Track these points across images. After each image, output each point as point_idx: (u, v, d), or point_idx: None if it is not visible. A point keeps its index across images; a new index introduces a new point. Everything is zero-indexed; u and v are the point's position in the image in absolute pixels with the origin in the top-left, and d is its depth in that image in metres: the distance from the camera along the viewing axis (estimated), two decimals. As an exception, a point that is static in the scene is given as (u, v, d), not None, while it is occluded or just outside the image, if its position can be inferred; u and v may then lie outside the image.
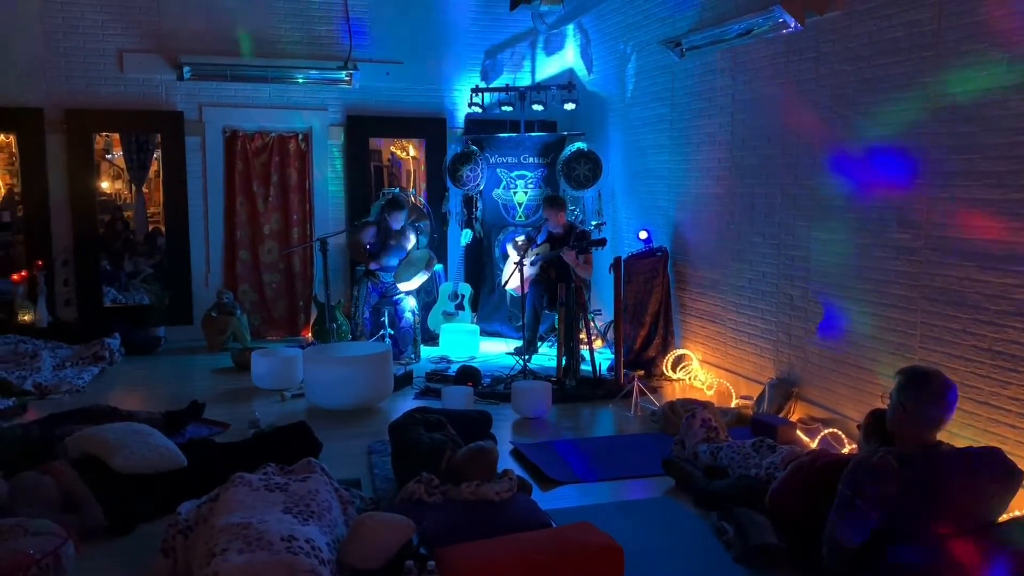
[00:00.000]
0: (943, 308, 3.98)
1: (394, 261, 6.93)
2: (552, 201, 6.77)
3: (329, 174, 7.91)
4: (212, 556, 2.71)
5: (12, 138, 7.58)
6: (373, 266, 6.88)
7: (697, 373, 6.22)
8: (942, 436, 3.13)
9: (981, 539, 2.87)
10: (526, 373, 6.14)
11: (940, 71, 3.94)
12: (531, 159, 7.79)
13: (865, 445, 3.33)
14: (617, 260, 6.13)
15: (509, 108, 7.81)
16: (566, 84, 7.79)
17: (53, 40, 7.11)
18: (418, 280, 6.99)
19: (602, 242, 6.24)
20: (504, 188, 7.86)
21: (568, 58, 8.35)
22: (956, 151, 3.87)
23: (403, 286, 6.93)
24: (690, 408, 4.82)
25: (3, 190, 8.62)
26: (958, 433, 3.82)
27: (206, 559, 2.73)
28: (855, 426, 4.04)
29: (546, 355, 6.92)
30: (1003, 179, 3.64)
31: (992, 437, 3.69)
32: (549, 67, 8.36)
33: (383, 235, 6.94)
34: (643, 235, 6.72)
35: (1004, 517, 3.09)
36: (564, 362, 6.13)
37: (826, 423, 4.72)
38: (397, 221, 6.91)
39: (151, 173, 8.58)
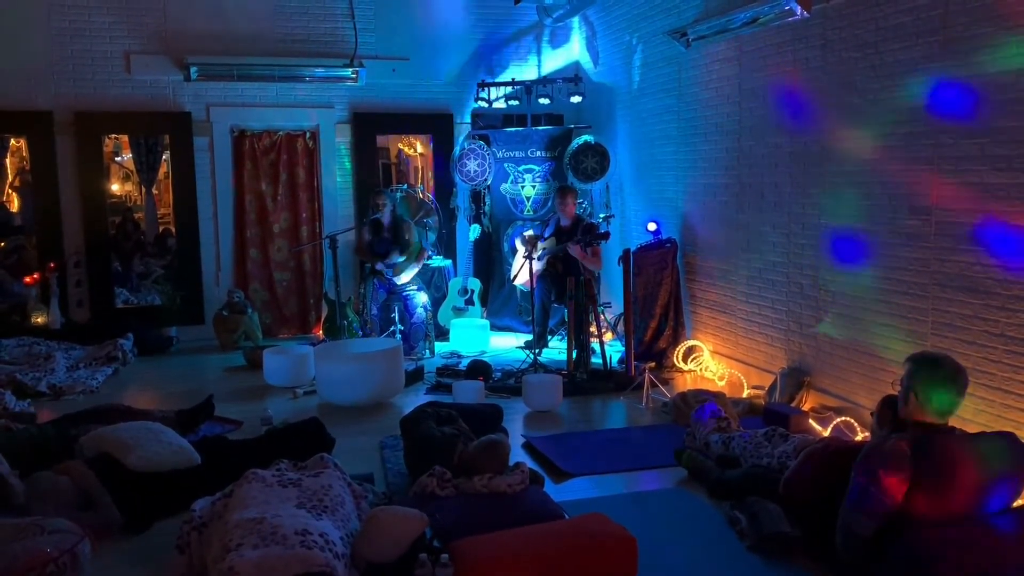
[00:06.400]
0: (955, 294, 3.96)
1: (396, 257, 6.85)
2: (562, 189, 6.77)
3: (337, 172, 7.93)
4: (227, 551, 2.72)
5: (23, 141, 7.62)
6: (377, 265, 6.88)
7: (708, 364, 6.21)
8: (956, 422, 3.11)
9: (995, 524, 2.86)
10: (536, 367, 6.15)
11: (948, 55, 3.91)
12: (538, 153, 7.78)
13: (878, 432, 3.32)
14: (626, 252, 6.12)
15: (516, 102, 7.80)
16: (572, 77, 7.77)
17: (60, 43, 7.15)
18: (409, 273, 6.93)
19: (605, 236, 6.22)
20: (512, 182, 7.85)
21: (574, 51, 8.33)
22: (966, 136, 3.85)
23: (397, 279, 6.93)
24: (701, 399, 4.82)
25: (15, 193, 8.67)
26: (971, 419, 3.80)
27: (221, 555, 2.74)
28: (867, 414, 4.03)
29: (556, 348, 6.92)
30: (1013, 163, 3.61)
31: (1006, 422, 3.67)
32: (555, 60, 8.34)
33: (375, 230, 6.93)
34: (652, 227, 6.71)
35: (1019, 502, 3.07)
36: (575, 355, 6.13)
37: (838, 411, 4.70)
38: (384, 213, 6.93)
39: (160, 174, 8.61)
